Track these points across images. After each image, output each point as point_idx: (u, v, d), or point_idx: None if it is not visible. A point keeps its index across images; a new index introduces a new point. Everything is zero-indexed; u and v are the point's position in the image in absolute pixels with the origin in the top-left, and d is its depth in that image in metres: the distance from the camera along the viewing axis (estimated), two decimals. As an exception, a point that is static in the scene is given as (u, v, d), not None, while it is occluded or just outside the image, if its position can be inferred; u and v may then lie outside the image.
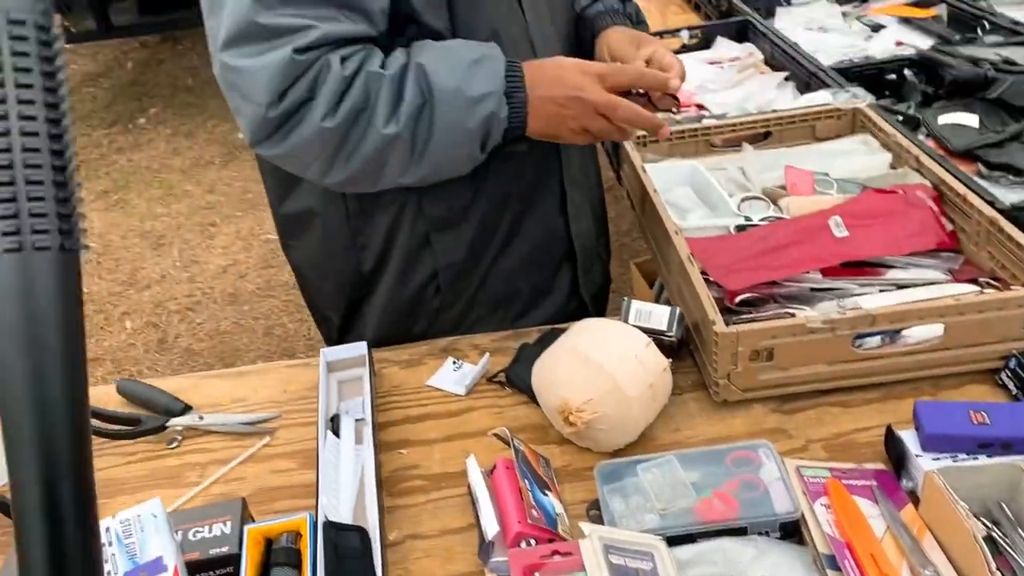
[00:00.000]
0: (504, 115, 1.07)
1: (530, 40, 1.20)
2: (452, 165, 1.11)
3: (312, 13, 1.01)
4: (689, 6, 2.53)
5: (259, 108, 1.01)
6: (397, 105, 1.04)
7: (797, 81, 1.81)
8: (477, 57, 1.06)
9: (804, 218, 1.24)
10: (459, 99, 1.05)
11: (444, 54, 1.06)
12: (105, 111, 4.64)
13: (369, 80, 1.03)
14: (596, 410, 0.97)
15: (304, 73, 1.00)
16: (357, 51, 1.05)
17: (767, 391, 1.07)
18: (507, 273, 1.30)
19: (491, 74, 1.06)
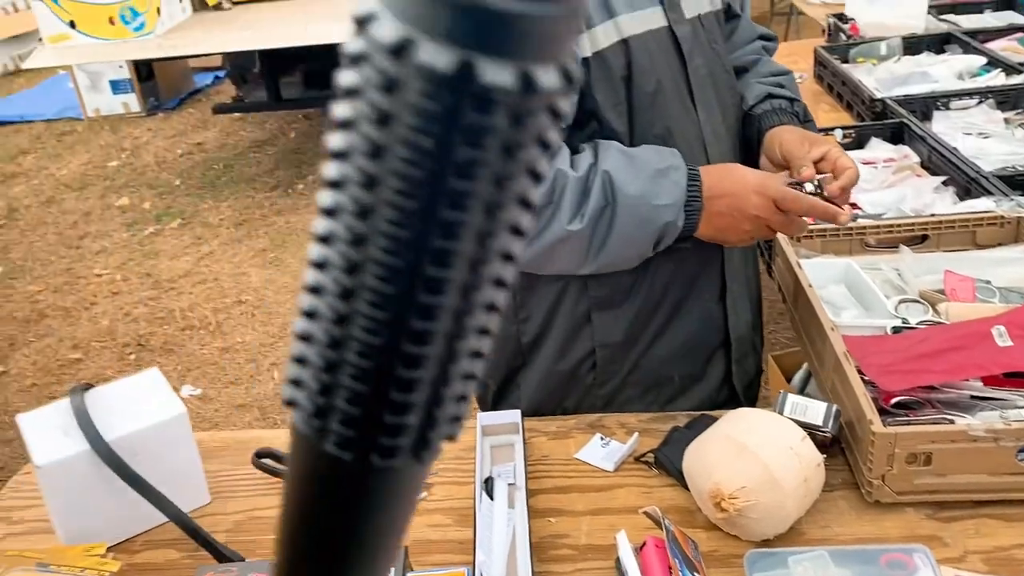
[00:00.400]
0: (681, 223, 1.13)
1: (702, 137, 1.26)
2: (623, 261, 1.19)
3: None
4: (841, 105, 2.54)
5: None
6: (582, 205, 1.11)
7: (956, 186, 1.80)
8: (662, 167, 1.13)
9: (965, 324, 1.23)
10: (641, 206, 1.12)
11: (629, 161, 1.13)
12: (268, 176, 4.97)
13: (557, 177, 1.11)
14: (749, 498, 0.99)
15: None
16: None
17: (923, 496, 1.06)
18: (661, 358, 1.33)
19: (673, 185, 1.12)
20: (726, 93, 1.32)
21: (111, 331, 3.61)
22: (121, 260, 4.19)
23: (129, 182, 5.08)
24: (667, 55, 1.21)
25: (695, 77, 1.24)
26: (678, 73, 1.22)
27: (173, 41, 4.16)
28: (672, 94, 1.21)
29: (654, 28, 1.19)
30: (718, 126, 1.29)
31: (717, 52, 1.29)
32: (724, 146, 1.30)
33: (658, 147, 1.18)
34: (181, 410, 1.12)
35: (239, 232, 4.33)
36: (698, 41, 1.25)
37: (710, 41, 1.28)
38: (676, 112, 1.22)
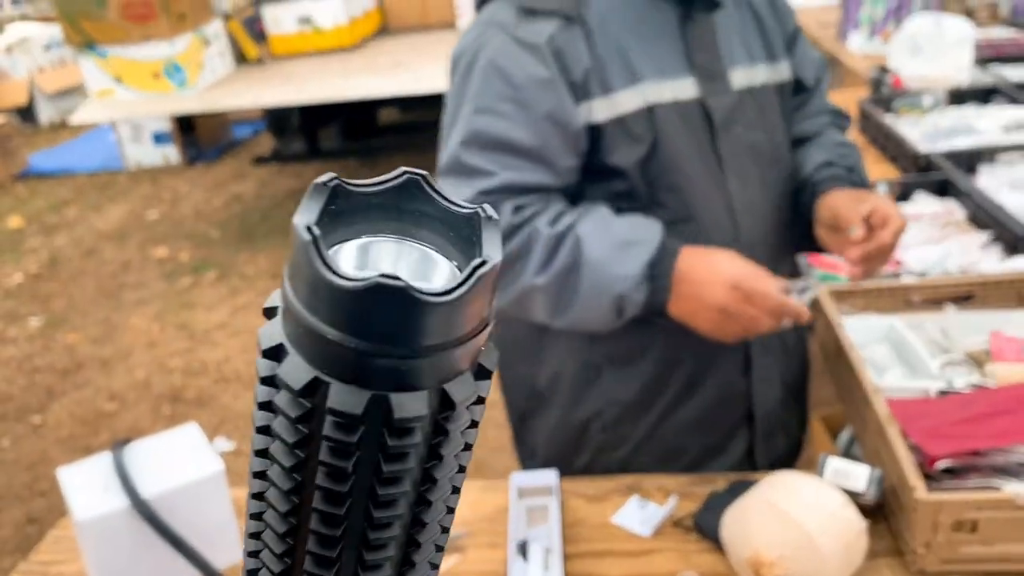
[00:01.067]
0: (640, 298, 1.13)
1: (732, 208, 1.23)
2: (590, 323, 1.19)
3: (501, 160, 1.15)
4: (886, 158, 2.52)
5: None
6: (549, 261, 1.14)
7: (1003, 243, 1.77)
8: (631, 239, 1.13)
9: (1012, 388, 1.20)
10: (600, 272, 1.13)
11: (604, 227, 1.14)
12: (304, 226, 5.04)
13: (532, 233, 1.14)
14: (789, 566, 0.97)
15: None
16: (533, 202, 1.17)
17: (970, 565, 1.03)
18: (677, 428, 1.31)
19: (634, 258, 1.12)
20: (772, 167, 1.29)
21: (147, 383, 3.64)
22: (158, 311, 4.24)
23: (168, 233, 5.17)
24: (695, 126, 1.20)
25: (729, 148, 1.22)
26: (706, 144, 1.21)
27: (214, 95, 4.26)
28: (698, 164, 1.20)
29: (683, 99, 1.19)
30: (756, 198, 1.26)
31: (766, 125, 1.27)
32: (761, 219, 1.27)
33: (645, 220, 1.16)
34: (219, 467, 1.12)
35: (275, 283, 4.38)
36: (743, 112, 1.24)
37: (760, 113, 1.26)
38: (702, 182, 1.21)
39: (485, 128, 1.15)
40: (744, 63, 1.25)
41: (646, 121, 1.17)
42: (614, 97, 1.16)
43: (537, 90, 1.14)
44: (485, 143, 1.15)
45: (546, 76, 1.14)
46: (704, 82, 1.20)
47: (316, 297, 0.25)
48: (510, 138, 1.14)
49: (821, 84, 1.41)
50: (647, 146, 1.17)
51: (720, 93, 1.21)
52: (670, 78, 1.18)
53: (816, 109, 1.41)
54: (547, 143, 1.15)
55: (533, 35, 1.14)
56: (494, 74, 1.15)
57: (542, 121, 1.14)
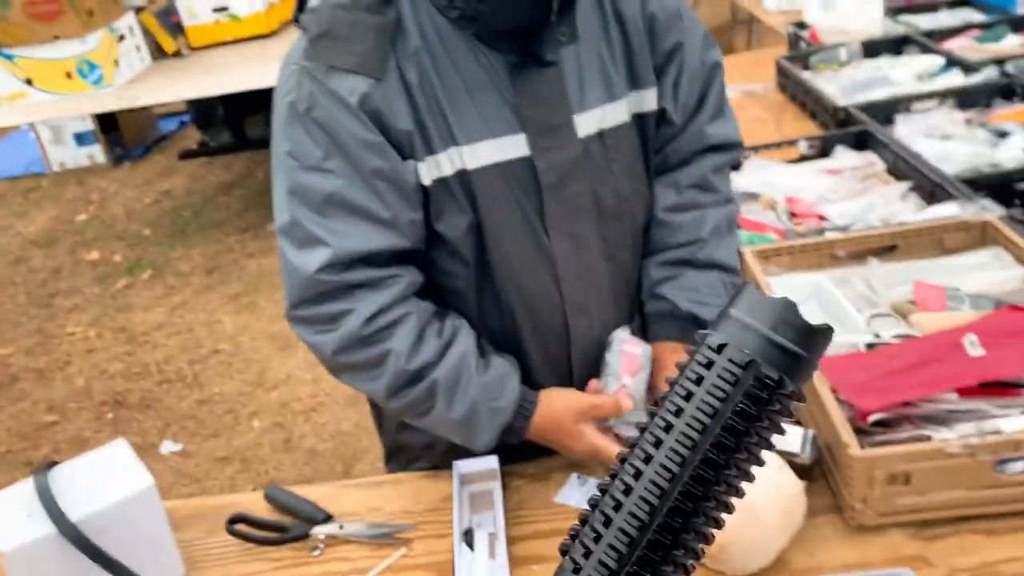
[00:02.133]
0: (494, 445, 1.17)
1: (557, 275, 1.16)
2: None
3: (338, 226, 1.06)
4: (805, 114, 2.55)
5: (286, 300, 1.12)
6: (402, 392, 1.12)
7: (922, 192, 1.80)
8: (489, 406, 1.13)
9: (937, 336, 1.22)
10: (454, 428, 1.16)
11: (462, 386, 1.12)
12: (238, 219, 4.94)
13: (387, 356, 1.10)
14: (730, 533, 0.97)
15: (325, 298, 1.09)
16: (388, 310, 1.09)
17: (905, 516, 1.05)
18: None
19: (491, 428, 1.15)
20: (614, 223, 1.19)
21: (87, 390, 3.56)
22: (94, 316, 4.14)
23: (99, 235, 5.03)
24: (521, 187, 1.11)
25: (559, 209, 1.13)
26: (533, 205, 1.12)
27: (132, 92, 4.12)
28: (522, 228, 1.12)
29: (507, 159, 1.09)
30: (591, 260, 1.18)
31: (614, 175, 1.17)
32: (592, 284, 1.20)
33: (500, 371, 1.16)
34: (149, 483, 1.09)
35: (211, 279, 4.30)
36: (589, 163, 1.13)
37: (608, 161, 1.15)
38: (525, 248, 1.14)
39: (313, 186, 1.05)
40: (601, 102, 1.13)
41: (465, 186, 1.09)
42: (437, 159, 1.07)
43: (362, 150, 1.05)
44: (315, 203, 1.06)
45: (370, 138, 1.04)
46: (537, 138, 1.09)
47: (785, 325, 0.44)
48: (343, 197, 1.05)
49: (703, 109, 1.22)
50: (470, 213, 1.10)
51: (558, 148, 1.10)
52: (493, 137, 1.08)
53: (690, 147, 1.24)
54: (384, 200, 1.06)
55: (345, 92, 1.03)
56: (315, 128, 1.05)
57: (374, 180, 1.06)
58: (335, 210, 1.06)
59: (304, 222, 1.06)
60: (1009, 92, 2.22)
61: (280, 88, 1.09)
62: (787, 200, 1.88)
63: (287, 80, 1.08)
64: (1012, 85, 2.22)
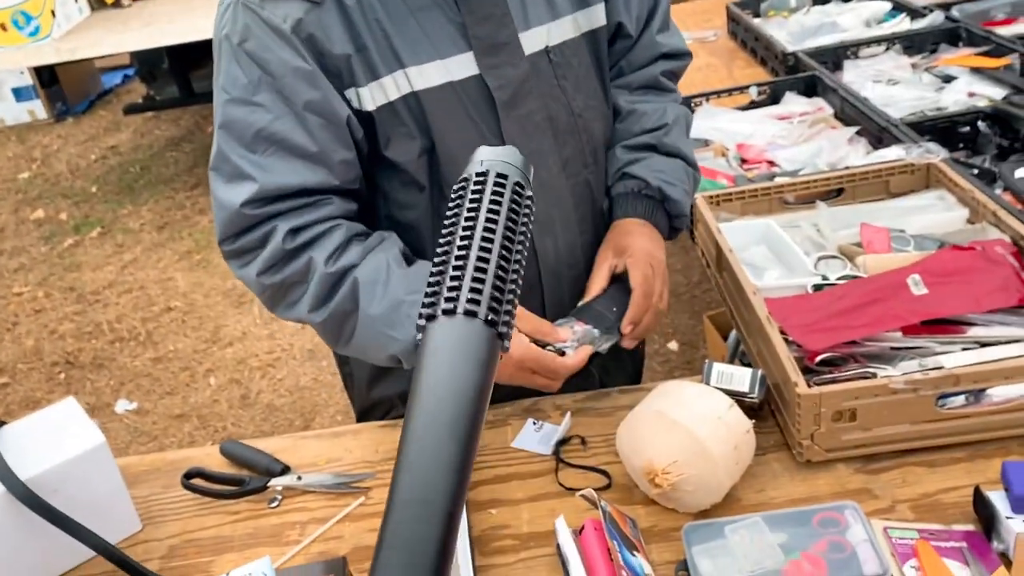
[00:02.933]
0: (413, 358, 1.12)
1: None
2: (373, 358, 1.16)
3: (266, 161, 1.05)
4: (756, 61, 2.56)
5: (217, 234, 1.11)
6: (326, 300, 1.08)
7: (868, 136, 1.82)
8: (408, 299, 1.07)
9: (882, 276, 1.25)
10: (376, 331, 1.08)
11: (383, 280, 1.07)
12: (187, 174, 4.85)
13: (310, 265, 1.07)
14: (682, 472, 1.00)
15: (251, 228, 1.07)
16: (312, 225, 1.08)
17: (851, 451, 1.08)
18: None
19: (409, 321, 1.07)
20: (570, 139, 1.20)
21: (37, 351, 3.50)
22: (41, 276, 4.05)
23: (43, 193, 4.91)
24: (474, 107, 1.10)
25: (515, 127, 1.13)
26: (489, 125, 1.12)
27: (71, 44, 4.00)
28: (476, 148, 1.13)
29: (458, 79, 1.08)
30: (550, 179, 1.18)
31: (564, 91, 1.17)
32: (554, 204, 1.19)
33: (427, 268, 1.10)
34: (100, 440, 1.08)
35: (162, 236, 4.22)
36: (538, 81, 1.14)
37: (558, 78, 1.16)
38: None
39: (243, 120, 1.04)
40: (545, 20, 1.13)
41: (415, 109, 1.08)
42: (381, 84, 1.06)
43: (295, 80, 1.03)
44: (245, 137, 1.04)
45: (303, 67, 1.02)
46: (484, 56, 1.08)
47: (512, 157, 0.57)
48: (272, 132, 1.04)
49: (652, 20, 1.28)
50: (421, 137, 1.09)
51: (505, 65, 1.10)
52: (440, 57, 1.07)
53: (643, 57, 1.29)
54: (314, 136, 1.05)
55: (279, 18, 1.01)
56: (246, 60, 1.03)
57: (306, 114, 1.04)
58: (264, 145, 1.05)
59: (232, 156, 1.05)
60: (955, 37, 2.25)
61: (217, 24, 1.07)
62: (737, 146, 1.89)
63: (223, 15, 1.06)
64: (957, 30, 2.25)
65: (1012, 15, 2.39)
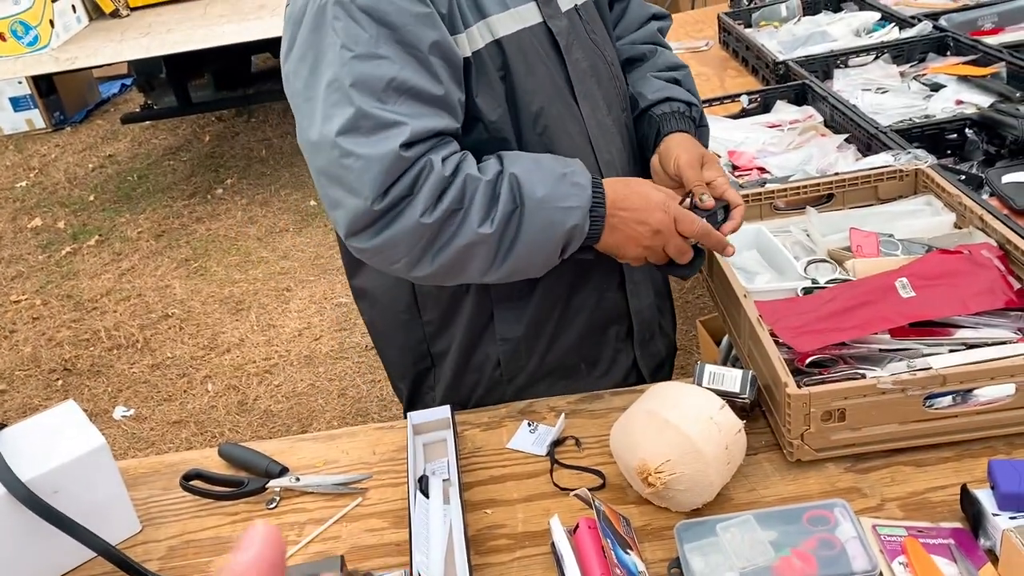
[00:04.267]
0: (586, 228, 1.14)
1: (587, 134, 1.26)
2: (530, 268, 1.17)
3: (404, 110, 1.08)
4: (747, 70, 2.59)
5: (364, 202, 1.07)
6: (491, 208, 1.10)
7: (857, 143, 1.85)
8: (565, 172, 1.14)
9: (871, 279, 1.27)
10: (548, 208, 1.11)
11: (535, 166, 1.14)
12: (185, 183, 4.86)
13: (467, 182, 1.09)
14: (674, 471, 1.01)
15: (408, 170, 1.07)
16: (455, 152, 1.12)
17: (840, 450, 1.09)
18: (564, 348, 1.35)
19: (580, 189, 1.13)
20: (609, 86, 1.31)
21: (35, 358, 3.51)
22: (39, 284, 4.06)
23: (40, 202, 4.92)
24: (544, 52, 1.20)
25: (575, 71, 1.24)
26: (557, 69, 1.22)
27: (69, 54, 4.02)
28: (552, 92, 1.21)
29: (529, 25, 1.19)
30: (604, 120, 1.29)
31: (596, 44, 1.29)
32: (611, 142, 1.30)
33: (560, 157, 1.18)
34: (100, 442, 1.10)
35: (160, 244, 4.24)
36: (576, 34, 1.25)
37: (589, 32, 1.27)
38: (558, 110, 1.22)
39: (372, 73, 1.06)
40: None
41: (498, 56, 1.16)
42: (469, 33, 1.14)
43: (417, 25, 1.07)
44: (376, 91, 1.06)
45: (422, 10, 1.08)
46: (544, 5, 1.20)
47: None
48: (406, 81, 1.07)
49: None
50: (502, 81, 1.17)
51: (556, 16, 1.22)
52: (514, 5, 1.18)
53: (638, 18, 1.44)
54: (441, 80, 1.10)
55: None
56: (364, 17, 1.06)
57: (431, 58, 1.09)
58: (398, 95, 1.08)
59: (371, 111, 1.06)
60: (942, 46, 2.27)
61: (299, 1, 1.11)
62: (729, 153, 1.91)
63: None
64: (945, 39, 2.27)
65: (999, 25, 2.42)
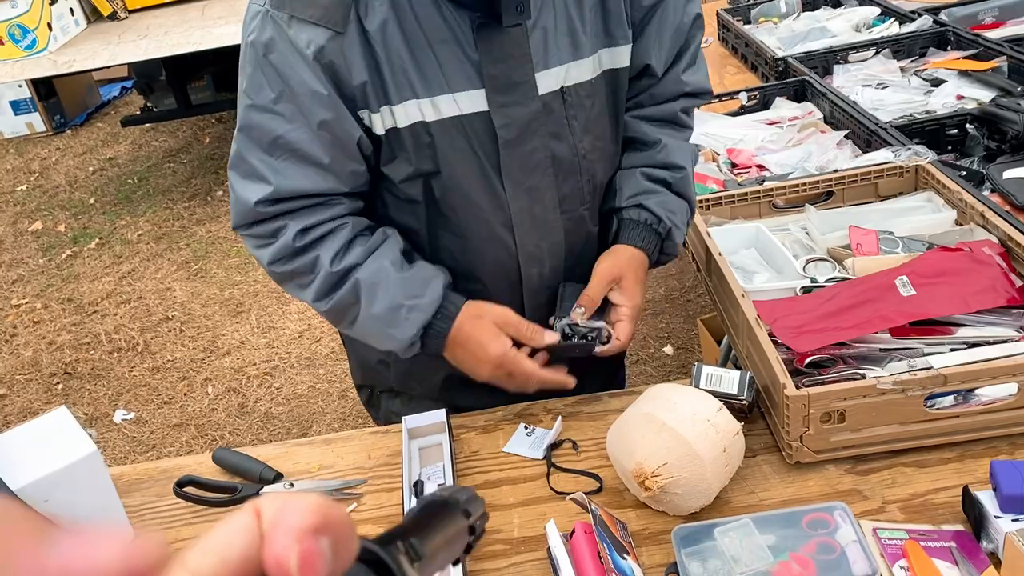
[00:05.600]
0: (413, 353, 1.19)
1: (510, 225, 1.20)
2: (382, 346, 1.22)
3: (281, 166, 1.12)
4: (746, 67, 2.57)
5: (232, 221, 1.19)
6: (330, 293, 1.16)
7: (857, 139, 1.83)
8: (407, 303, 1.15)
9: (870, 278, 1.25)
10: (378, 324, 1.16)
11: (384, 281, 1.15)
12: (185, 185, 4.86)
13: (315, 262, 1.15)
14: (671, 474, 1.00)
15: (264, 222, 1.15)
16: (325, 222, 1.15)
17: (840, 452, 1.08)
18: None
19: (409, 324, 1.15)
20: (570, 180, 1.22)
21: (35, 362, 3.50)
22: (39, 287, 4.06)
23: (41, 205, 4.92)
24: (478, 141, 1.14)
25: (516, 163, 1.16)
26: (488, 158, 1.15)
27: (68, 57, 4.01)
28: (476, 179, 1.16)
29: (466, 113, 1.11)
30: (543, 214, 1.21)
31: (573, 131, 1.19)
32: (546, 236, 1.23)
33: (430, 273, 1.18)
34: (91, 449, 1.09)
35: (160, 246, 4.23)
36: (544, 121, 1.15)
37: (568, 119, 1.17)
38: (479, 197, 1.17)
39: (263, 126, 1.10)
40: (566, 60, 1.14)
41: (421, 137, 1.12)
42: (392, 110, 1.10)
43: (311, 101, 1.08)
44: (263, 142, 1.11)
45: (319, 91, 1.07)
46: (495, 94, 1.11)
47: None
48: (289, 140, 1.10)
49: (681, 59, 1.27)
50: (425, 163, 1.14)
51: (516, 104, 1.12)
52: (452, 91, 1.10)
53: (666, 93, 1.29)
54: (326, 150, 1.11)
55: (303, 43, 1.06)
56: (270, 70, 1.08)
57: (319, 130, 1.10)
58: (280, 151, 1.12)
59: (250, 157, 1.13)
60: (943, 41, 2.26)
61: (245, 26, 1.12)
62: (728, 151, 1.90)
63: (252, 19, 1.10)
64: (946, 34, 2.26)
65: (1000, 19, 2.40)
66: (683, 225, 1.31)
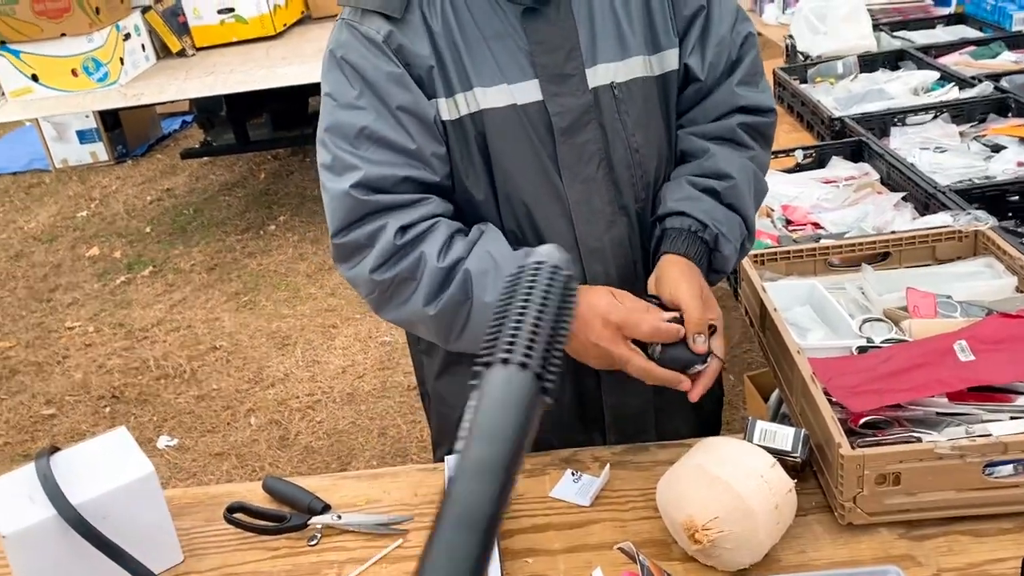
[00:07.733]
0: None
1: (569, 215, 1.21)
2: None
3: (370, 155, 1.15)
4: (801, 125, 2.58)
5: (331, 233, 1.19)
6: (439, 293, 1.14)
7: (915, 202, 1.82)
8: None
9: (928, 341, 1.24)
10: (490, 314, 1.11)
11: (493, 267, 1.13)
12: (239, 218, 4.96)
13: (420, 260, 1.14)
14: (722, 528, 0.99)
15: (362, 220, 1.16)
16: (424, 220, 1.16)
17: (894, 516, 1.06)
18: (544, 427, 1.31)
19: None
20: (624, 173, 1.23)
21: (85, 384, 3.57)
22: (93, 311, 4.15)
23: (99, 232, 5.05)
24: (534, 131, 1.17)
25: (571, 153, 1.19)
26: (544, 150, 1.19)
27: (136, 90, 4.15)
28: (532, 171, 1.19)
29: (521, 103, 1.16)
30: (602, 207, 1.23)
31: (625, 126, 1.21)
32: (605, 226, 1.23)
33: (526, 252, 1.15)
34: (149, 469, 1.11)
35: (211, 277, 4.31)
36: (596, 114, 1.19)
37: (621, 113, 1.20)
38: (536, 188, 1.20)
39: (348, 121, 1.16)
40: (613, 59, 1.19)
41: (479, 126, 1.17)
42: (454, 99, 1.17)
43: (388, 83, 1.15)
44: (349, 136, 1.16)
45: (394, 70, 1.15)
46: (548, 84, 1.16)
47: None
48: (373, 130, 1.15)
49: (734, 72, 1.27)
50: (481, 151, 1.19)
51: (568, 95, 1.17)
52: (506, 82, 1.16)
53: (719, 106, 1.27)
54: (411, 134, 1.16)
55: (373, 31, 1.15)
56: (349, 69, 1.16)
57: (399, 113, 1.15)
58: (366, 142, 1.16)
59: (339, 152, 1.17)
60: (1004, 107, 2.25)
61: (328, 44, 1.21)
62: (783, 208, 1.90)
63: (332, 35, 1.20)
64: (1007, 100, 2.25)
65: (1063, 87, 2.39)
66: (734, 239, 1.24)
